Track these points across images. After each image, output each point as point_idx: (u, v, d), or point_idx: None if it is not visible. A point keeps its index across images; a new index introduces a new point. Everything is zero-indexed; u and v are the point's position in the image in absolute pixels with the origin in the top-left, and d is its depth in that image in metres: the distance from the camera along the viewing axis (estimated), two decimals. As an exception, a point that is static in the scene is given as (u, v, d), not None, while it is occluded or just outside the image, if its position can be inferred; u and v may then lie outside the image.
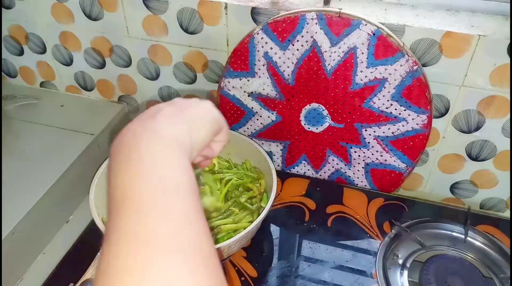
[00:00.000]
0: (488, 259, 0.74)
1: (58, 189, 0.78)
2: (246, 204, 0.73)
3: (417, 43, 0.71)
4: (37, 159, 0.82)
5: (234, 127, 0.89)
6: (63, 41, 0.94)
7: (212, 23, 0.80)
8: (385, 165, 0.84)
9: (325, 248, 0.75)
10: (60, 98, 1.02)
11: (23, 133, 0.90)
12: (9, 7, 0.92)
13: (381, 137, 0.80)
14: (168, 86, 0.93)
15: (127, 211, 0.32)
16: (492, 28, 0.70)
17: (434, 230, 0.78)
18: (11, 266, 0.70)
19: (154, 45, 0.87)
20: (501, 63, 0.70)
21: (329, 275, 0.71)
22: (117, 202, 0.34)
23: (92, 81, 0.99)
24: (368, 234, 0.78)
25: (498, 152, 0.80)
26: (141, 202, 0.33)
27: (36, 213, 0.73)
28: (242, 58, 0.79)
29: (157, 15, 0.82)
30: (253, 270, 0.71)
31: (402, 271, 0.71)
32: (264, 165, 0.79)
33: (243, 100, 0.85)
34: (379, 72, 0.73)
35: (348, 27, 0.71)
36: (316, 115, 0.82)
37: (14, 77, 1.05)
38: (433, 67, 0.73)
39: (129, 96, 0.99)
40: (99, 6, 0.85)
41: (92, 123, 0.92)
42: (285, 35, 0.75)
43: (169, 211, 0.33)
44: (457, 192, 0.88)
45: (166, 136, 0.38)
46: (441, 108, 0.78)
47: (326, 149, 0.86)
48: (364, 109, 0.78)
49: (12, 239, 0.69)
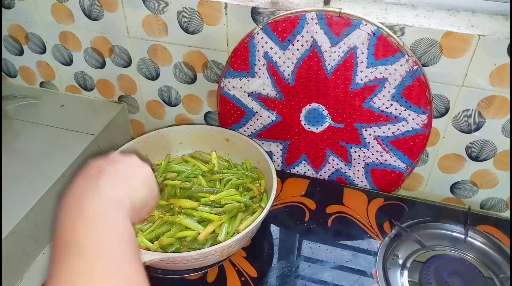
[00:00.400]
0: (488, 259, 0.74)
1: (58, 189, 0.78)
2: (248, 201, 0.73)
3: (417, 43, 0.71)
4: (37, 159, 0.82)
5: (234, 127, 0.89)
6: (63, 41, 0.94)
7: (212, 23, 0.80)
8: (385, 165, 0.84)
9: (325, 248, 0.75)
10: (60, 98, 1.02)
11: (23, 133, 0.90)
12: (9, 7, 0.92)
13: (381, 137, 0.80)
14: (168, 86, 0.93)
15: (71, 253, 0.36)
16: (492, 28, 0.70)
17: (434, 230, 0.78)
18: (11, 266, 0.70)
19: (154, 45, 0.87)
20: (501, 63, 0.70)
21: (329, 275, 0.71)
22: (61, 244, 0.37)
23: (92, 81, 0.99)
24: (368, 234, 0.77)
25: (498, 152, 0.80)
26: (83, 246, 0.36)
27: (36, 213, 0.73)
28: (242, 58, 0.79)
29: (157, 15, 0.82)
30: (253, 270, 0.71)
31: (402, 271, 0.71)
32: (264, 165, 0.79)
33: (243, 100, 0.85)
34: (379, 72, 0.73)
35: (348, 27, 0.71)
36: (316, 115, 0.82)
37: (14, 77, 1.05)
38: (433, 67, 0.73)
39: (129, 96, 0.99)
40: (99, 6, 0.85)
41: (92, 123, 0.92)
42: (285, 35, 0.75)
43: (110, 256, 0.37)
44: (457, 192, 0.88)
45: (109, 196, 0.42)
46: (441, 108, 0.78)
47: (326, 149, 0.86)
48: (364, 109, 0.78)
49: (12, 239, 0.69)
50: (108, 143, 0.92)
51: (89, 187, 0.43)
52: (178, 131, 0.87)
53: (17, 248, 0.70)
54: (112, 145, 0.90)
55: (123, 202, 0.43)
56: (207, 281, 0.69)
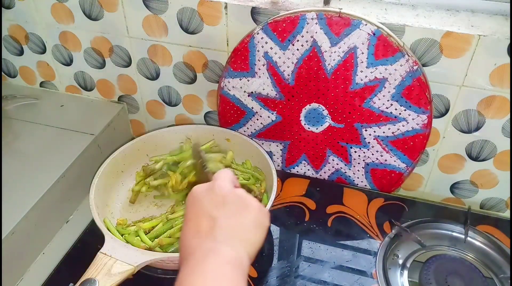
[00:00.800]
0: (488, 259, 0.74)
1: (58, 189, 0.78)
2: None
3: (417, 43, 0.71)
4: (37, 159, 0.82)
5: (234, 127, 0.89)
6: (63, 41, 0.94)
7: (212, 23, 0.80)
8: (385, 165, 0.84)
9: (325, 248, 0.75)
10: (60, 98, 1.02)
11: (23, 133, 0.90)
12: (9, 7, 0.92)
13: (381, 137, 0.80)
14: (168, 86, 0.93)
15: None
16: (492, 28, 0.70)
17: (434, 230, 0.78)
18: (11, 266, 0.70)
19: (154, 45, 0.87)
20: (501, 63, 0.70)
21: (329, 275, 0.71)
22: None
23: (92, 81, 0.99)
24: (368, 234, 0.78)
25: (498, 152, 0.80)
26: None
27: (36, 213, 0.73)
28: (242, 58, 0.79)
29: (157, 15, 0.82)
30: (253, 270, 0.71)
31: (402, 271, 0.71)
32: (264, 165, 0.79)
33: (243, 100, 0.85)
34: (379, 72, 0.73)
35: (348, 27, 0.71)
36: (316, 115, 0.82)
37: (14, 77, 1.05)
38: (433, 67, 0.73)
39: (129, 96, 0.99)
40: (99, 6, 0.85)
41: (92, 123, 0.92)
42: (285, 35, 0.75)
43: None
44: (457, 192, 0.88)
45: (229, 256, 0.44)
46: (441, 108, 0.78)
47: (326, 149, 0.86)
48: (364, 109, 0.78)
49: (12, 239, 0.69)
50: (108, 143, 0.92)
51: (206, 244, 0.44)
52: (178, 131, 0.87)
53: (17, 248, 0.70)
54: (112, 145, 0.90)
55: (243, 261, 0.44)
56: (207, 281, 0.69)
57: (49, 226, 0.79)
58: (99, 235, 0.65)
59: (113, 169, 0.80)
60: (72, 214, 0.84)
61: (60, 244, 0.77)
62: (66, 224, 0.82)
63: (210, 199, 0.48)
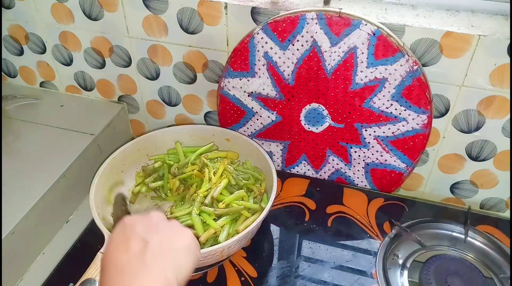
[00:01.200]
0: (488, 259, 0.74)
1: (58, 189, 0.78)
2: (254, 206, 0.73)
3: (417, 43, 0.71)
4: (37, 159, 0.82)
5: (234, 127, 0.89)
6: (63, 41, 0.94)
7: (212, 23, 0.80)
8: (385, 165, 0.84)
9: (325, 248, 0.75)
10: (60, 98, 1.02)
11: (23, 133, 0.90)
12: (9, 7, 0.92)
13: (381, 137, 0.80)
14: (168, 86, 0.93)
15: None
16: (492, 28, 0.70)
17: (434, 230, 0.78)
18: (11, 266, 0.70)
19: (154, 45, 0.87)
20: (501, 63, 0.70)
21: (329, 275, 0.71)
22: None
23: (92, 81, 0.99)
24: (368, 234, 0.78)
25: (498, 152, 0.80)
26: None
27: (36, 213, 0.73)
28: (242, 58, 0.79)
29: (157, 15, 0.82)
30: (253, 270, 0.71)
31: (402, 271, 0.71)
32: (264, 165, 0.79)
33: (243, 100, 0.85)
34: (379, 72, 0.73)
35: (348, 27, 0.71)
36: (316, 115, 0.82)
37: (14, 77, 1.05)
38: (433, 67, 0.73)
39: (129, 96, 0.99)
40: (99, 6, 0.85)
41: (92, 123, 0.92)
42: (285, 35, 0.75)
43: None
44: (457, 192, 0.88)
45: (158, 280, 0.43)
46: (441, 108, 0.78)
47: (326, 149, 0.86)
48: (364, 109, 0.78)
49: (12, 239, 0.69)
50: (108, 143, 0.92)
51: (135, 263, 0.43)
52: (178, 131, 0.87)
53: (17, 248, 0.70)
54: (112, 145, 0.90)
55: (171, 284, 0.44)
56: (207, 281, 0.69)
57: (49, 226, 0.79)
58: (99, 235, 0.65)
59: (113, 169, 0.80)
60: (72, 214, 0.84)
61: (60, 244, 0.77)
62: (66, 224, 0.82)
63: (143, 225, 0.47)
